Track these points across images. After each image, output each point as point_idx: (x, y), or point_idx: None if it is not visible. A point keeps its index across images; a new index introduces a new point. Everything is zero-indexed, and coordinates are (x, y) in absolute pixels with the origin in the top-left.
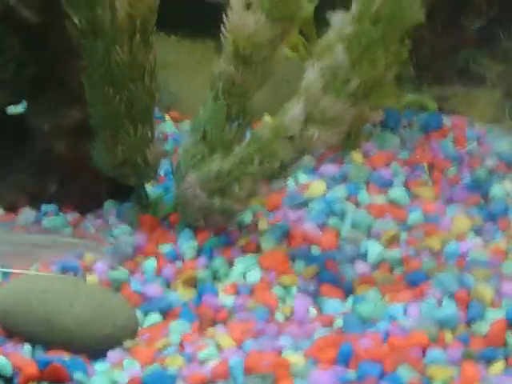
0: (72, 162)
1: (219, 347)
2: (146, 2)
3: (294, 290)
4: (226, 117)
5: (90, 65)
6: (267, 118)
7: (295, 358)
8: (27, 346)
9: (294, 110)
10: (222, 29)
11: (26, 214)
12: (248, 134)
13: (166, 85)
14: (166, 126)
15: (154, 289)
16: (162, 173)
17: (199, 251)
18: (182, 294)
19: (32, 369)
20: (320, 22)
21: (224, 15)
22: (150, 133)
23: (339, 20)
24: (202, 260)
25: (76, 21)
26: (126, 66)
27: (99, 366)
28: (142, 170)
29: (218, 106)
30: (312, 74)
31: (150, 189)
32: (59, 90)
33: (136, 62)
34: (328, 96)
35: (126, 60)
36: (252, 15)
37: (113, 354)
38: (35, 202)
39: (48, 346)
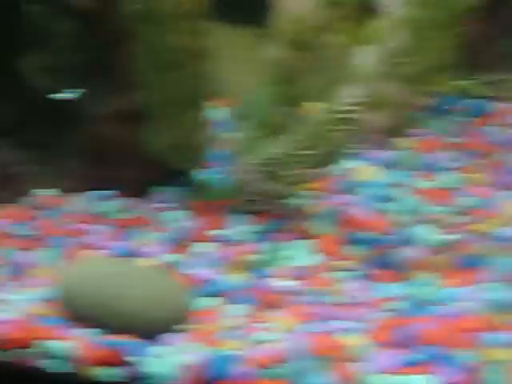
0: (124, 147)
1: (276, 330)
2: None
3: (348, 273)
4: (281, 102)
5: (143, 50)
6: (320, 103)
7: (353, 341)
8: (89, 330)
9: (351, 93)
10: (275, 15)
11: (79, 198)
12: (302, 119)
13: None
14: (210, 112)
15: (208, 272)
16: (211, 157)
17: (253, 235)
18: (236, 278)
19: (93, 352)
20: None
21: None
22: (200, 118)
23: (399, 4)
24: (257, 244)
25: (129, 6)
26: (178, 51)
27: (159, 350)
28: (193, 155)
29: (273, 91)
30: (370, 58)
31: (201, 173)
32: (111, 76)
33: (188, 47)
34: (386, 80)
35: (179, 45)
36: (308, 0)
37: (172, 337)
38: (87, 187)
39: (108, 329)
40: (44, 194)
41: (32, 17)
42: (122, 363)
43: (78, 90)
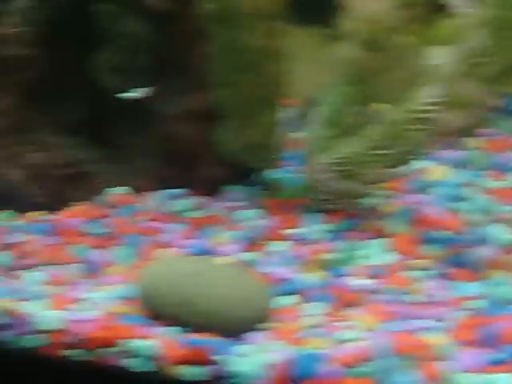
0: (196, 147)
1: (358, 329)
2: None
3: (424, 272)
4: (355, 101)
5: (219, 50)
6: (395, 102)
7: (436, 340)
8: (171, 328)
9: (428, 93)
10: (344, 15)
11: (152, 197)
12: (377, 118)
13: None
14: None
15: (285, 271)
16: (283, 157)
17: (327, 234)
18: (312, 276)
19: (177, 351)
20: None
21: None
22: (274, 118)
23: (469, 4)
24: (332, 243)
25: (205, 6)
26: (254, 52)
27: (242, 348)
28: (267, 154)
29: (347, 91)
30: (446, 58)
31: (273, 172)
32: (184, 75)
33: (264, 47)
34: (464, 80)
35: (255, 45)
36: (381, 1)
37: (255, 336)
38: (159, 186)
39: (190, 328)
40: (117, 193)
41: (102, 16)
42: (206, 362)
43: (146, 89)
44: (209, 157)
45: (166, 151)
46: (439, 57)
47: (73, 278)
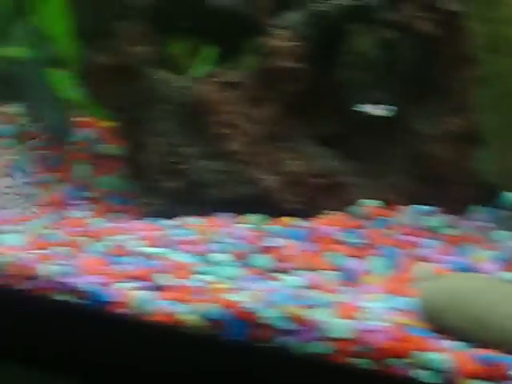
0: (451, 167)
1: None
2: None
3: None
4: None
5: (488, 77)
6: None
7: None
8: (458, 343)
9: None
10: None
11: (404, 212)
12: None
13: None
14: None
15: None
16: None
17: None
18: None
19: (470, 365)
20: None
21: None
22: None
23: None
24: None
25: (476, 34)
26: None
27: None
28: None
29: None
30: None
31: None
32: (445, 97)
33: None
34: None
35: None
36: None
37: None
38: (410, 202)
39: (478, 343)
40: (370, 205)
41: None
42: (503, 378)
43: (391, 107)
44: (461, 177)
45: (421, 169)
46: None
47: (332, 285)
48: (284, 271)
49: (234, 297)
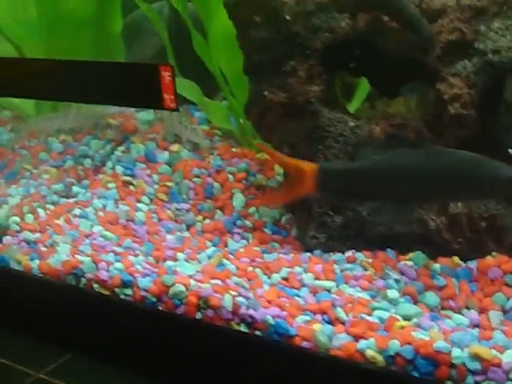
0: None
1: None
2: None
3: None
4: None
5: None
6: None
7: None
8: None
9: None
10: None
11: None
12: None
13: None
14: None
15: None
16: None
17: None
18: None
19: None
20: None
21: None
22: None
23: None
24: None
25: None
26: None
27: None
28: None
29: None
30: None
31: None
32: None
33: None
34: None
35: None
36: None
37: None
38: None
39: None
40: None
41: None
42: None
43: None
44: None
45: None
46: None
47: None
48: (456, 310)
49: (420, 335)
